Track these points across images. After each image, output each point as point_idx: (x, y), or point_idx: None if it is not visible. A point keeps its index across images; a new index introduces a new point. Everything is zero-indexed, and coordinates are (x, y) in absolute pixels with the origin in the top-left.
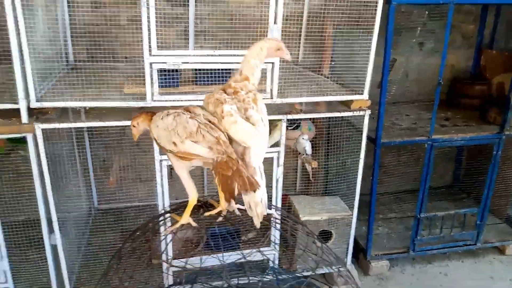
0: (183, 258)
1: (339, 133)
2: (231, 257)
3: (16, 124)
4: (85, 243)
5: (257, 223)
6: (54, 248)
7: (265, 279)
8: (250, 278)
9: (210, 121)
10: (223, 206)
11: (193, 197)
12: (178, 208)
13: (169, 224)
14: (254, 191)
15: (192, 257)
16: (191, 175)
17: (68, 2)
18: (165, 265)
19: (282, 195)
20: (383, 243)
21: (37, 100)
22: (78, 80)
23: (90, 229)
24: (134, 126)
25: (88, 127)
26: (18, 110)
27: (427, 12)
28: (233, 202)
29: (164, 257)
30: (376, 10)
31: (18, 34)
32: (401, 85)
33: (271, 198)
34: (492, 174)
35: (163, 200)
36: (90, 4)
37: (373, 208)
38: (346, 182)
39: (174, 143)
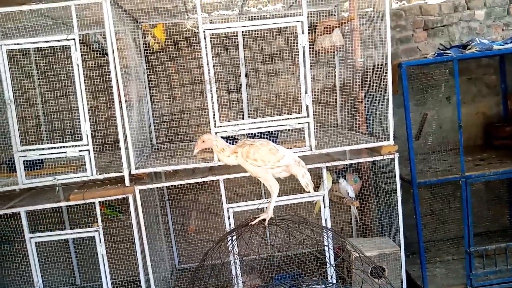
0: None
1: (382, 181)
2: None
3: (121, 187)
4: None
5: (309, 188)
6: None
7: None
8: None
9: None
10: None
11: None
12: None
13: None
14: None
15: None
16: None
17: (151, 98)
18: None
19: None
20: (440, 281)
21: (136, 168)
22: (161, 156)
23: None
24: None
25: (168, 195)
26: (119, 178)
27: (447, 70)
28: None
29: None
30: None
31: (123, 125)
32: (438, 135)
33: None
34: None
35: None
36: (167, 99)
37: (421, 243)
38: (392, 222)
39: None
